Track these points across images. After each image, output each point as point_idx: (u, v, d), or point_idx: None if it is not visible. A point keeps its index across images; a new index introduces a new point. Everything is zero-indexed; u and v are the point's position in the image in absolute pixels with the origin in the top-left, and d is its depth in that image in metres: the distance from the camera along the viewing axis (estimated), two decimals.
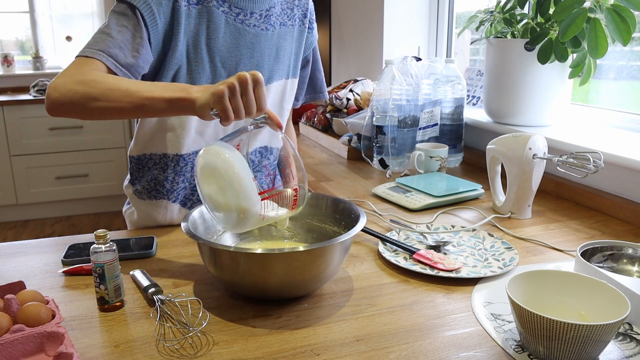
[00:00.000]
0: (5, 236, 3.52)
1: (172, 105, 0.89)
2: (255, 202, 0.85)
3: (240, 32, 1.12)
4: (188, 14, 1.06)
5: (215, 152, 0.84)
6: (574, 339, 0.66)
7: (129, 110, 0.91)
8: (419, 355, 0.72)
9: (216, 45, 1.10)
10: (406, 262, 0.99)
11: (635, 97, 1.64)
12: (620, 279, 0.82)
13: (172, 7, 1.04)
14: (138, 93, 0.90)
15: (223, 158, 0.83)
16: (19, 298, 0.78)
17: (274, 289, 0.83)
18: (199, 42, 1.08)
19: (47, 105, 0.95)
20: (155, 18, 1.02)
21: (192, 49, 1.08)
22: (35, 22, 4.08)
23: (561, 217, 1.24)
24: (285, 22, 1.20)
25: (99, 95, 0.91)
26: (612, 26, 1.24)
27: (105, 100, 0.91)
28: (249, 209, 0.84)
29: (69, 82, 0.93)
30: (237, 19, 1.11)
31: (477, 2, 2.27)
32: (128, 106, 0.91)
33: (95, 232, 0.81)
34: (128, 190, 1.24)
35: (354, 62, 2.82)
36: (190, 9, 1.06)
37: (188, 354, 0.72)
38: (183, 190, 1.21)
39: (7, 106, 3.52)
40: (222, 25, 1.09)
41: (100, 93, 0.91)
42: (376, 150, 1.66)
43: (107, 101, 0.91)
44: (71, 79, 0.94)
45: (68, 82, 0.93)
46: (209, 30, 1.08)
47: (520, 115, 1.58)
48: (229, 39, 1.11)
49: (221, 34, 1.10)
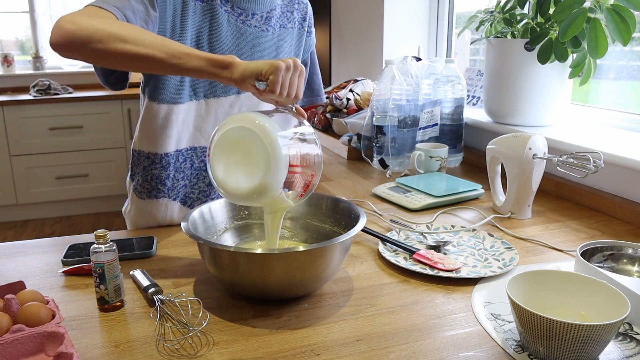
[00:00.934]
0: (5, 236, 3.52)
1: (210, 65, 0.86)
2: (282, 178, 0.80)
3: (241, 31, 1.13)
4: (194, 9, 1.07)
5: (250, 118, 0.80)
6: (574, 339, 0.66)
7: (159, 61, 0.84)
8: (419, 355, 0.72)
9: (218, 43, 1.11)
10: (406, 262, 0.99)
11: (635, 97, 1.64)
12: (620, 279, 0.82)
13: (183, 1, 1.05)
14: (174, 45, 0.85)
15: (261, 124, 0.79)
16: (19, 298, 0.78)
17: (274, 289, 0.83)
18: (202, 38, 1.10)
19: (56, 38, 0.83)
20: (166, 5, 1.02)
21: (195, 44, 1.09)
22: (35, 22, 4.08)
23: (561, 217, 1.24)
24: (285, 25, 1.21)
25: (128, 37, 0.84)
26: (612, 26, 1.24)
27: (134, 44, 0.84)
28: (271, 184, 0.80)
29: (91, 17, 0.84)
30: (239, 19, 1.12)
31: (477, 2, 2.27)
32: (160, 55, 0.84)
33: (95, 232, 0.81)
34: (129, 186, 1.24)
35: (354, 62, 2.82)
36: (197, 5, 1.07)
37: (188, 354, 0.72)
38: (183, 188, 1.21)
39: (7, 106, 3.52)
40: (224, 24, 1.11)
41: (130, 35, 0.84)
42: (376, 150, 1.66)
43: (136, 45, 0.84)
44: (92, 15, 0.85)
45: (89, 18, 0.84)
46: (212, 28, 1.10)
47: (520, 115, 1.58)
48: (230, 38, 1.12)
49: (223, 33, 1.11)
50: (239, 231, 1.02)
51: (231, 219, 1.01)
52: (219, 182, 0.84)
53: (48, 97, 3.61)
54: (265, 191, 0.80)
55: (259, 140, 0.79)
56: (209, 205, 0.98)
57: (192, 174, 1.21)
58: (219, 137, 0.83)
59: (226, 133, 0.82)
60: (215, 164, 0.84)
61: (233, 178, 0.83)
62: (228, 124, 0.82)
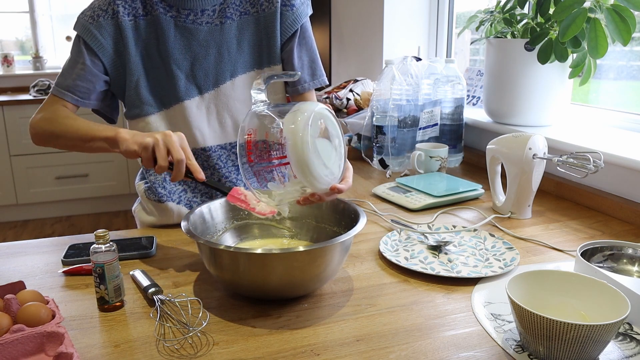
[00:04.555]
0: (5, 236, 3.52)
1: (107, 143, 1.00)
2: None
3: (191, 32, 1.13)
4: (136, 27, 1.11)
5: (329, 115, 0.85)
6: (574, 339, 0.66)
7: (83, 147, 1.04)
8: (419, 355, 0.72)
9: (166, 50, 1.12)
10: (407, 262, 0.99)
11: (635, 97, 1.64)
12: (620, 279, 0.82)
13: (115, 25, 1.10)
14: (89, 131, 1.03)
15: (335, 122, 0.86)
16: (19, 298, 0.78)
17: (274, 289, 0.83)
18: (151, 50, 1.13)
19: (31, 138, 1.12)
20: (99, 40, 1.10)
21: (146, 58, 1.13)
22: (35, 22, 4.08)
23: (561, 217, 1.24)
24: (247, 11, 1.16)
25: (61, 134, 1.06)
26: (612, 26, 1.24)
27: (64, 139, 1.06)
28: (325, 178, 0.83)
29: (40, 120, 1.09)
30: (188, 20, 1.12)
31: (477, 2, 2.27)
32: (80, 143, 1.04)
33: (95, 232, 0.81)
34: (139, 188, 1.25)
35: (354, 62, 2.82)
36: (138, 22, 1.11)
37: (188, 354, 0.72)
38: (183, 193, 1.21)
39: (7, 106, 3.52)
40: (171, 30, 1.11)
41: (60, 132, 1.06)
42: (376, 150, 1.66)
43: (65, 139, 1.06)
44: (42, 116, 1.10)
45: (39, 121, 1.09)
46: (159, 37, 1.12)
47: (520, 115, 1.58)
48: (180, 42, 1.13)
49: (171, 39, 1.12)
50: (239, 231, 1.02)
51: (231, 219, 1.01)
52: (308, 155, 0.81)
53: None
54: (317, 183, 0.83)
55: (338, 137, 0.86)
56: (209, 205, 0.98)
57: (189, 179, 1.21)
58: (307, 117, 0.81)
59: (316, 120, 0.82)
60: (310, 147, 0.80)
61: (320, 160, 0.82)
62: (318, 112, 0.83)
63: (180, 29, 1.12)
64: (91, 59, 1.10)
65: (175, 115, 1.15)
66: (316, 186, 0.83)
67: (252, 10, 1.16)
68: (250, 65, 1.18)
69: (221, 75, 1.15)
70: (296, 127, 0.80)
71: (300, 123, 0.80)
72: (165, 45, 1.11)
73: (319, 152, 0.81)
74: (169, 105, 1.15)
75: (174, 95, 1.14)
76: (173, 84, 1.13)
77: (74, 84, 1.10)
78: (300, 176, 0.81)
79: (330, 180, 0.83)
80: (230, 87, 1.16)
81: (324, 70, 1.27)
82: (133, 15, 1.11)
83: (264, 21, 1.17)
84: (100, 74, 1.11)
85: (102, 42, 1.10)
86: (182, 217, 1.20)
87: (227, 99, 1.17)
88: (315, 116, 0.81)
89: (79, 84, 1.10)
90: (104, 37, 1.10)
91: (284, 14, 1.17)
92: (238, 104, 1.18)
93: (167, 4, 1.11)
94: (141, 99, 1.14)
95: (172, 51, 1.12)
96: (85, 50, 1.10)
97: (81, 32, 1.10)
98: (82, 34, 1.10)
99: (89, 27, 1.09)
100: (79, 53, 1.10)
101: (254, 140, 0.85)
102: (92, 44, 1.09)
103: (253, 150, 0.85)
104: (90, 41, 1.09)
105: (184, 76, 1.14)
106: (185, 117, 1.15)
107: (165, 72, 1.13)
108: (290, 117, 0.82)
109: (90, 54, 1.10)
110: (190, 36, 1.13)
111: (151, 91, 1.14)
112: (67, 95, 1.10)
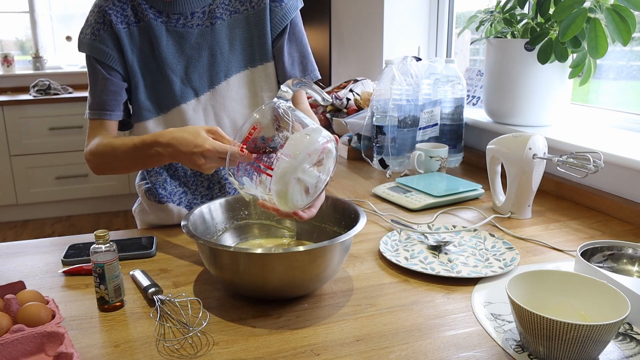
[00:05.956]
0: (5, 236, 3.52)
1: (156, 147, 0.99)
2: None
3: (182, 36, 1.13)
4: (130, 34, 1.12)
5: (333, 152, 0.84)
6: (574, 339, 0.66)
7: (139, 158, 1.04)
8: (419, 355, 0.72)
9: (160, 55, 1.12)
10: (407, 262, 0.99)
11: (635, 97, 1.64)
12: (620, 279, 0.82)
13: (112, 34, 1.10)
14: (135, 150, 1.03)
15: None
16: (19, 298, 0.78)
17: (274, 289, 0.83)
18: (146, 56, 1.13)
19: (92, 171, 1.15)
20: (108, 52, 1.11)
21: (143, 64, 1.13)
22: (35, 22, 4.08)
23: (561, 217, 1.24)
24: (237, 9, 1.16)
25: (110, 164, 1.09)
26: (612, 26, 1.24)
27: (115, 168, 1.10)
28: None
29: (89, 154, 1.11)
30: (179, 24, 1.12)
31: (477, 2, 2.27)
32: (130, 165, 1.07)
33: (95, 232, 0.81)
34: (140, 188, 1.25)
35: (354, 62, 2.82)
36: (132, 29, 1.12)
37: (188, 354, 0.72)
38: (183, 194, 1.21)
39: (7, 106, 3.52)
40: (163, 35, 1.12)
41: (109, 163, 1.09)
42: (376, 150, 1.66)
43: (116, 168, 1.10)
44: (90, 149, 1.11)
45: (89, 154, 1.12)
46: (153, 44, 1.12)
47: (520, 115, 1.58)
48: (173, 46, 1.13)
49: (163, 44, 1.12)
50: (239, 231, 1.02)
51: (231, 219, 1.01)
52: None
53: (48, 97, 3.62)
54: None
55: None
56: (209, 205, 0.98)
57: (189, 181, 1.21)
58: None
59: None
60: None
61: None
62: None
63: (172, 33, 1.12)
64: (108, 72, 1.11)
65: (173, 120, 1.15)
66: (283, 207, 0.83)
67: (241, 9, 1.16)
68: (243, 63, 1.18)
69: (215, 76, 1.15)
70: (298, 153, 0.80)
71: (304, 152, 0.80)
72: (159, 51, 1.12)
73: (304, 181, 0.82)
74: (167, 110, 1.15)
75: (171, 100, 1.15)
76: (169, 89, 1.14)
77: (101, 99, 1.11)
78: (275, 196, 0.82)
79: (299, 206, 0.84)
80: (226, 88, 1.16)
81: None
82: (126, 23, 1.11)
83: (254, 18, 1.17)
84: (120, 82, 1.13)
85: (110, 54, 1.11)
86: (182, 217, 1.20)
87: (223, 99, 1.17)
88: (322, 150, 0.81)
89: (105, 98, 1.11)
90: (109, 48, 1.11)
91: (273, 10, 1.17)
92: (234, 104, 1.18)
93: (157, 10, 1.11)
94: (139, 104, 1.14)
95: (166, 56, 1.12)
96: (100, 66, 1.11)
97: (89, 51, 1.11)
98: (91, 53, 1.11)
99: (94, 44, 1.10)
100: (95, 71, 1.12)
101: (255, 136, 0.85)
102: (103, 59, 1.11)
103: (250, 143, 0.85)
104: (101, 57, 1.10)
105: (179, 80, 1.14)
106: (183, 120, 1.15)
107: (161, 77, 1.14)
108: (299, 138, 0.82)
109: (106, 68, 1.11)
110: (183, 40, 1.13)
111: (149, 97, 1.15)
112: (100, 114, 1.12)
